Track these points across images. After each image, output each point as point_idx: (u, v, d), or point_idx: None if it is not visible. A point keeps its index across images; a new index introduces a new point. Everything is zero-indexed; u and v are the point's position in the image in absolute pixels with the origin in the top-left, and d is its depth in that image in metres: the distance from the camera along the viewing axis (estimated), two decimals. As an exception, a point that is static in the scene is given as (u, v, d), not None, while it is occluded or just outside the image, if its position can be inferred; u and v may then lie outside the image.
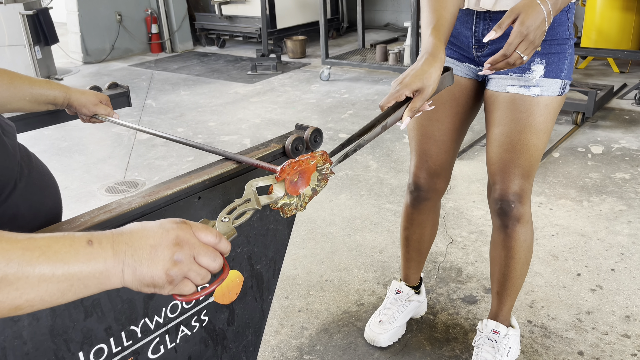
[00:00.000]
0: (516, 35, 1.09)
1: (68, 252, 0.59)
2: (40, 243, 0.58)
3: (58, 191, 0.96)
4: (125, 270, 0.62)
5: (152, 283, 0.63)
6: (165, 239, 0.64)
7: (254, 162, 1.01)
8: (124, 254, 0.62)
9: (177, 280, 0.64)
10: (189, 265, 0.65)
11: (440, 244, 2.40)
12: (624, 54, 4.62)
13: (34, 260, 0.56)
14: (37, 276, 0.56)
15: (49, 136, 4.02)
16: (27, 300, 0.56)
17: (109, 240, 0.62)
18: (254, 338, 1.21)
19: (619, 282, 2.09)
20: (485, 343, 1.66)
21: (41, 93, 1.17)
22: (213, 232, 0.69)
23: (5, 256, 0.55)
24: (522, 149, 1.38)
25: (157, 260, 0.63)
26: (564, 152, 3.35)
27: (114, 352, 0.89)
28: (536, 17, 1.07)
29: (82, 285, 0.60)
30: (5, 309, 0.56)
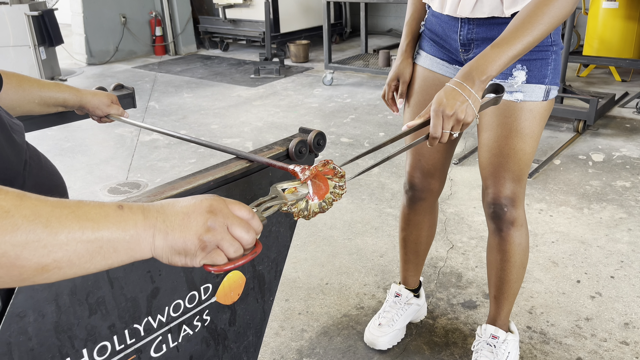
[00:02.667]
0: (433, 116, 1.12)
1: (98, 214, 0.58)
2: (70, 203, 0.57)
3: (66, 191, 0.97)
4: (157, 236, 0.60)
5: (184, 249, 0.62)
6: (199, 206, 0.63)
7: (265, 161, 1.02)
8: (155, 219, 0.61)
9: (210, 247, 0.63)
10: (222, 234, 0.63)
11: (440, 249, 2.41)
12: (626, 63, 4.63)
13: (63, 218, 0.55)
14: (66, 234, 0.55)
15: (52, 136, 4.04)
16: (55, 260, 0.54)
17: (140, 207, 0.61)
18: (254, 339, 1.22)
19: (619, 289, 2.09)
20: (484, 348, 1.66)
21: (50, 96, 1.19)
22: (246, 208, 0.67)
23: (34, 211, 0.53)
24: (510, 154, 1.40)
25: (190, 226, 0.62)
26: (565, 159, 3.36)
27: (117, 349, 0.90)
28: (452, 96, 1.10)
29: (112, 249, 0.58)
30: (32, 268, 0.53)
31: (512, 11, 1.28)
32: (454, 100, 1.10)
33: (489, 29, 1.34)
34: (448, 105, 1.09)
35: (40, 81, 1.19)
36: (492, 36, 1.34)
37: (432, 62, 1.50)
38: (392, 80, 1.57)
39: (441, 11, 1.39)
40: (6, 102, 1.11)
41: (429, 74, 1.51)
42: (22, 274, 0.54)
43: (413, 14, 1.55)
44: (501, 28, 1.32)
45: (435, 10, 1.42)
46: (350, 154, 3.58)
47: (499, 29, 1.32)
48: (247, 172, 1.04)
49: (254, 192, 1.07)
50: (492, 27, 1.33)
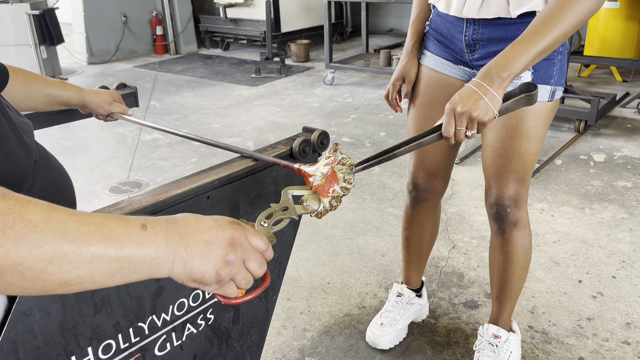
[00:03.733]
0: (445, 114, 1.09)
1: (122, 233, 0.58)
2: (96, 220, 0.57)
3: (73, 191, 0.98)
4: (176, 262, 0.61)
5: (201, 279, 0.63)
6: (221, 237, 0.64)
7: (270, 160, 1.02)
8: (177, 245, 0.61)
9: (225, 281, 0.64)
10: (238, 268, 0.64)
11: (442, 249, 2.41)
12: (627, 63, 4.63)
13: (89, 236, 0.55)
14: (91, 252, 0.55)
15: (53, 135, 4.04)
16: (78, 276, 0.55)
17: (163, 228, 0.61)
18: (258, 338, 1.23)
19: (620, 289, 2.09)
20: (486, 347, 1.67)
21: (55, 94, 1.20)
22: (264, 239, 0.68)
23: (61, 227, 0.54)
24: (514, 154, 1.40)
25: (209, 258, 0.62)
26: (566, 159, 3.36)
27: (122, 348, 0.90)
28: (467, 95, 1.07)
29: (132, 269, 0.59)
30: (55, 282, 0.54)
31: (518, 12, 1.27)
32: (467, 98, 1.07)
33: (495, 30, 1.33)
34: (460, 102, 1.07)
35: (46, 79, 1.19)
36: (498, 37, 1.34)
37: (437, 62, 1.50)
38: (397, 80, 1.57)
39: (447, 12, 1.39)
40: (12, 97, 1.11)
41: (433, 74, 1.51)
42: (46, 287, 0.55)
43: (419, 14, 1.55)
44: (507, 29, 1.32)
45: (441, 10, 1.42)
46: (351, 153, 3.58)
47: (504, 29, 1.32)
48: (251, 171, 1.04)
49: (257, 191, 1.07)
50: (497, 28, 1.33)
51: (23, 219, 0.52)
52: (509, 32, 1.32)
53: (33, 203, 0.54)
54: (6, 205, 0.51)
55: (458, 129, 1.08)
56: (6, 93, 1.10)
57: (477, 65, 1.42)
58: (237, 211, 1.04)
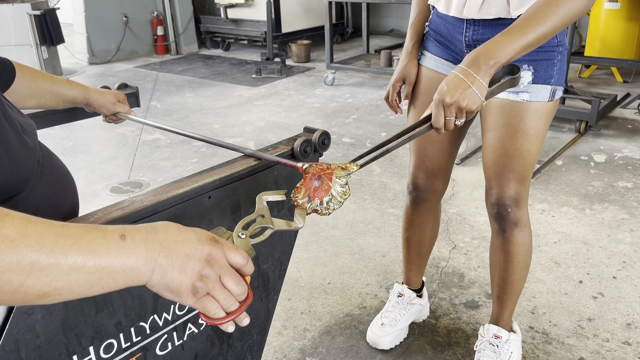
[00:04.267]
0: (434, 105, 1.10)
1: (100, 244, 0.58)
2: (74, 231, 0.57)
3: (76, 191, 0.98)
4: (156, 270, 0.62)
5: (178, 290, 0.63)
6: (200, 251, 0.65)
7: (274, 159, 1.02)
8: (157, 254, 0.62)
9: (201, 293, 0.64)
10: (214, 283, 0.65)
11: (442, 249, 2.41)
12: (628, 64, 4.63)
13: (66, 248, 0.56)
14: (69, 265, 0.56)
15: (54, 135, 4.04)
16: (56, 288, 0.56)
17: (142, 237, 0.62)
18: (259, 337, 1.23)
19: (621, 289, 2.09)
20: (486, 348, 1.67)
21: (61, 92, 1.20)
22: (242, 254, 0.69)
23: (38, 241, 0.54)
24: (515, 154, 1.40)
25: (187, 270, 0.63)
26: (567, 160, 3.36)
27: (123, 347, 0.90)
28: (454, 84, 1.08)
29: (111, 280, 0.59)
30: (34, 294, 0.55)
31: (518, 12, 1.28)
32: (455, 88, 1.08)
33: (495, 30, 1.34)
34: (449, 93, 1.08)
35: (53, 77, 1.20)
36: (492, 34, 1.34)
37: (437, 63, 1.50)
38: (398, 81, 1.57)
39: (447, 12, 1.39)
40: (18, 95, 1.12)
41: (433, 75, 1.51)
42: (24, 299, 0.55)
43: (418, 15, 1.55)
44: None
45: (440, 11, 1.42)
46: (352, 154, 3.58)
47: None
48: (253, 171, 1.04)
49: (259, 191, 1.07)
50: (498, 29, 1.33)
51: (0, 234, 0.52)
52: None
53: (10, 217, 0.54)
54: None
55: (447, 119, 1.10)
56: (13, 90, 1.10)
57: None
58: (238, 211, 1.04)
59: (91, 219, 0.82)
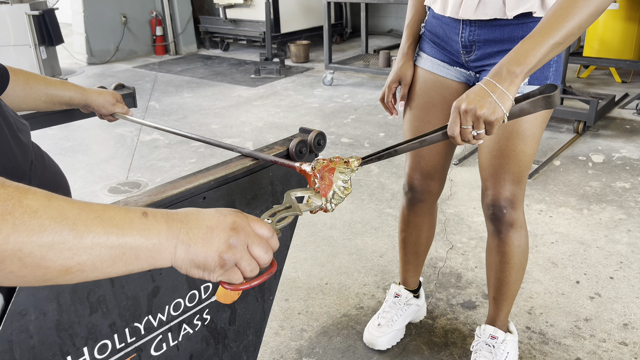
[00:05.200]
0: (451, 112, 1.05)
1: (123, 220, 0.58)
2: (96, 207, 0.57)
3: (69, 191, 0.98)
4: (179, 247, 0.61)
5: (204, 264, 0.62)
6: (223, 222, 0.64)
7: (271, 159, 1.02)
8: (178, 230, 0.61)
9: (229, 265, 0.63)
10: (242, 252, 0.64)
11: (440, 250, 2.41)
12: (626, 64, 4.64)
13: (89, 222, 0.55)
14: (91, 238, 0.55)
15: (53, 136, 4.04)
16: (79, 262, 0.55)
17: (164, 215, 0.61)
18: (254, 338, 1.23)
19: (618, 290, 2.10)
20: (483, 348, 1.67)
21: (56, 94, 1.20)
22: (267, 226, 0.68)
23: (61, 213, 0.53)
24: (511, 155, 1.40)
25: (212, 241, 0.62)
26: (565, 160, 3.37)
27: (118, 348, 0.90)
28: (475, 93, 1.03)
29: (134, 256, 0.58)
30: (56, 269, 0.54)
31: (514, 13, 1.28)
32: (475, 96, 1.03)
33: (491, 31, 1.34)
34: (466, 99, 1.03)
35: (47, 79, 1.20)
36: (494, 38, 1.34)
37: (433, 64, 1.50)
38: (393, 82, 1.57)
39: (443, 13, 1.40)
40: (13, 98, 1.12)
41: (429, 76, 1.51)
42: (46, 275, 0.54)
43: (414, 16, 1.55)
44: (503, 30, 1.32)
45: (437, 12, 1.43)
46: (350, 154, 3.58)
47: (501, 30, 1.33)
48: (248, 171, 1.04)
49: (254, 191, 1.07)
50: (494, 29, 1.33)
51: (22, 205, 0.51)
52: (505, 33, 1.32)
53: (32, 191, 0.53)
54: (5, 192, 0.51)
55: (463, 127, 1.04)
56: (7, 94, 1.10)
57: (473, 67, 1.43)
58: (233, 212, 1.04)
59: (85, 219, 0.82)
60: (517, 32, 1.31)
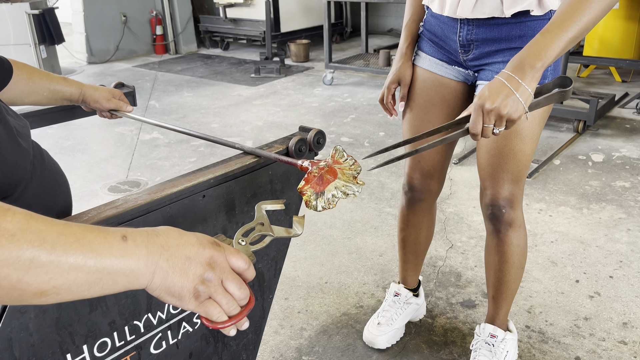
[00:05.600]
0: (473, 110, 1.05)
1: (102, 244, 0.57)
2: (75, 230, 0.56)
3: (69, 190, 0.98)
4: (157, 273, 0.61)
5: (179, 294, 0.63)
6: (201, 255, 0.64)
7: (273, 157, 1.02)
8: (158, 256, 0.61)
9: (203, 297, 0.64)
10: (216, 287, 0.65)
11: (440, 249, 2.41)
12: (626, 63, 4.64)
13: (67, 246, 0.55)
14: (69, 263, 0.54)
15: (53, 135, 4.04)
16: (55, 286, 0.55)
17: (144, 239, 0.61)
18: (254, 336, 1.23)
19: (617, 289, 2.10)
20: (482, 347, 1.67)
21: (58, 89, 1.21)
22: (243, 258, 0.68)
23: (39, 237, 0.53)
24: (509, 155, 1.39)
25: (188, 273, 0.63)
26: (564, 159, 3.37)
27: (117, 346, 0.90)
28: (497, 90, 1.03)
29: (111, 281, 0.58)
30: (31, 292, 0.54)
31: (512, 11, 1.28)
32: (497, 93, 1.02)
33: (489, 30, 1.34)
34: (489, 98, 1.03)
35: (50, 74, 1.21)
36: (492, 37, 1.34)
37: (432, 63, 1.50)
38: (392, 82, 1.56)
39: (441, 12, 1.40)
40: (16, 92, 1.12)
41: (428, 75, 1.51)
42: (21, 296, 0.54)
43: (412, 16, 1.55)
44: (501, 29, 1.32)
45: (435, 11, 1.43)
46: (350, 153, 3.57)
47: (498, 29, 1.33)
48: (247, 169, 1.04)
49: (253, 189, 1.07)
50: (491, 28, 1.33)
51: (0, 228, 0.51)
52: (503, 32, 1.32)
53: (11, 212, 0.53)
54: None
55: (485, 126, 1.04)
56: (10, 88, 1.11)
57: (471, 66, 1.43)
58: (232, 210, 1.04)
59: (84, 217, 0.82)
60: (514, 31, 1.31)
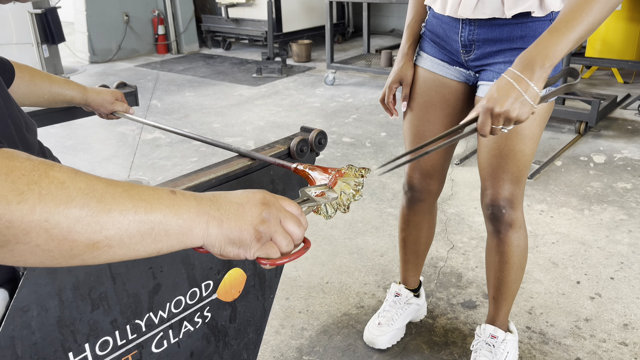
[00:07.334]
0: (482, 112, 1.05)
1: (151, 195, 0.56)
2: (123, 183, 0.56)
3: None
4: (211, 223, 0.59)
5: (240, 238, 0.61)
6: (253, 198, 0.63)
7: (268, 159, 1.03)
8: (209, 207, 0.60)
9: (265, 238, 0.62)
10: (276, 226, 0.63)
11: (441, 249, 2.41)
12: (628, 65, 4.63)
13: (117, 195, 0.54)
14: (119, 211, 0.54)
15: (55, 134, 4.05)
16: (106, 237, 0.53)
17: (192, 194, 0.60)
18: (255, 336, 1.23)
19: (618, 290, 2.10)
20: (483, 347, 1.67)
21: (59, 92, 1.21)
22: (295, 204, 0.68)
23: (89, 185, 0.52)
24: (509, 155, 1.40)
25: (245, 216, 0.61)
26: (566, 160, 3.37)
27: (119, 344, 0.91)
28: (505, 91, 1.03)
29: (163, 231, 0.56)
30: (84, 242, 0.52)
31: (513, 12, 1.28)
32: (506, 96, 1.02)
33: (490, 30, 1.34)
34: (499, 101, 1.02)
35: (51, 77, 1.21)
36: (493, 37, 1.34)
37: (433, 64, 1.50)
38: (394, 83, 1.57)
39: (442, 12, 1.40)
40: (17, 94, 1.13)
41: (429, 76, 1.52)
42: (73, 249, 0.53)
43: (414, 17, 1.55)
44: (502, 29, 1.32)
45: (437, 11, 1.43)
46: (352, 153, 3.59)
47: (499, 30, 1.33)
48: (249, 170, 1.05)
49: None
50: (493, 28, 1.34)
51: (49, 176, 0.50)
52: (504, 32, 1.33)
53: (59, 165, 0.53)
54: (32, 164, 0.50)
55: (494, 127, 1.05)
56: (11, 90, 1.11)
57: (472, 66, 1.43)
58: (234, 210, 1.04)
59: (87, 217, 0.82)
60: (516, 32, 1.32)
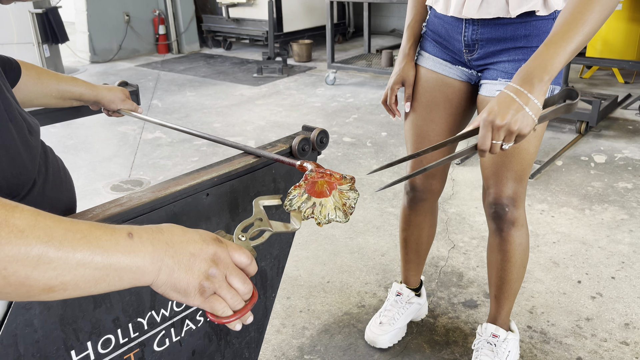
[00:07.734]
0: (482, 126, 1.03)
1: (109, 241, 0.58)
2: (83, 227, 0.57)
3: (73, 186, 0.98)
4: (163, 271, 0.62)
5: (185, 290, 0.63)
6: (205, 251, 0.65)
7: (273, 157, 1.03)
8: (164, 253, 0.62)
9: (209, 292, 0.65)
10: (220, 282, 0.66)
11: (442, 249, 2.41)
12: (629, 65, 4.63)
13: (75, 242, 0.55)
14: (77, 259, 0.55)
15: (56, 134, 4.05)
16: (62, 282, 0.55)
17: (149, 237, 0.62)
18: (256, 335, 1.23)
19: (619, 290, 2.10)
20: (484, 347, 1.67)
21: (67, 90, 1.20)
22: (246, 253, 0.69)
23: (47, 233, 0.54)
24: (513, 153, 1.40)
25: (193, 269, 0.64)
26: (567, 160, 3.37)
27: (121, 342, 0.91)
28: (506, 105, 1.01)
29: (117, 277, 0.59)
30: (39, 288, 0.54)
31: (518, 12, 1.28)
32: (507, 109, 1.00)
33: (494, 30, 1.34)
34: (499, 114, 1.00)
35: (58, 75, 1.20)
36: (497, 37, 1.34)
37: (435, 63, 1.50)
38: (396, 83, 1.56)
39: (445, 12, 1.40)
40: (24, 94, 1.12)
41: (432, 75, 1.52)
42: (29, 292, 0.54)
43: (415, 17, 1.55)
44: (506, 29, 1.32)
45: (439, 11, 1.43)
46: (352, 153, 3.59)
47: (503, 29, 1.33)
48: (251, 168, 1.05)
49: (257, 188, 1.08)
50: (497, 28, 1.34)
51: (9, 224, 0.52)
52: (508, 32, 1.33)
53: (19, 209, 0.54)
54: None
55: (494, 142, 1.03)
56: (19, 89, 1.10)
57: (475, 66, 1.43)
58: (236, 208, 1.04)
59: (89, 215, 0.82)
60: (520, 31, 1.32)
